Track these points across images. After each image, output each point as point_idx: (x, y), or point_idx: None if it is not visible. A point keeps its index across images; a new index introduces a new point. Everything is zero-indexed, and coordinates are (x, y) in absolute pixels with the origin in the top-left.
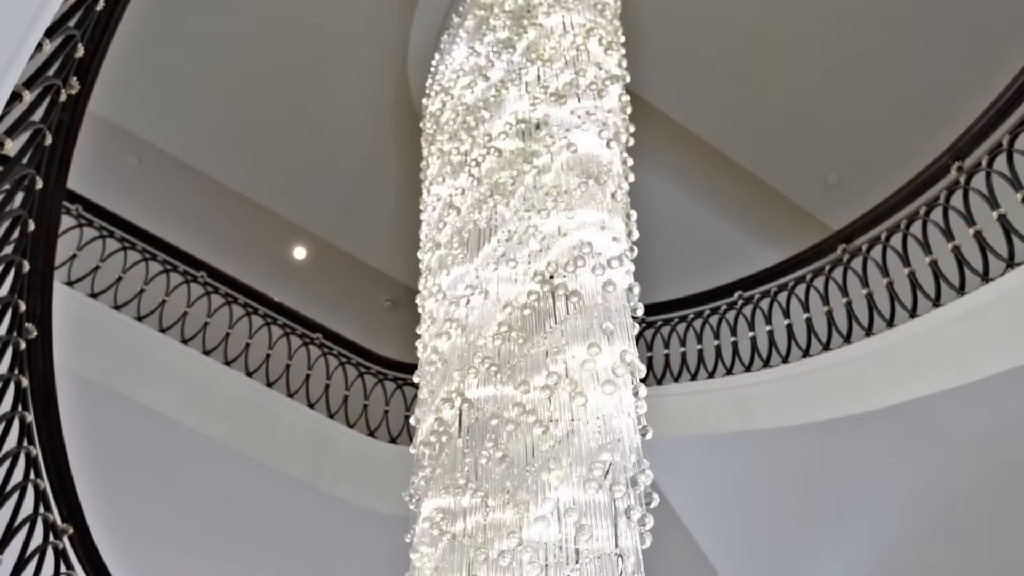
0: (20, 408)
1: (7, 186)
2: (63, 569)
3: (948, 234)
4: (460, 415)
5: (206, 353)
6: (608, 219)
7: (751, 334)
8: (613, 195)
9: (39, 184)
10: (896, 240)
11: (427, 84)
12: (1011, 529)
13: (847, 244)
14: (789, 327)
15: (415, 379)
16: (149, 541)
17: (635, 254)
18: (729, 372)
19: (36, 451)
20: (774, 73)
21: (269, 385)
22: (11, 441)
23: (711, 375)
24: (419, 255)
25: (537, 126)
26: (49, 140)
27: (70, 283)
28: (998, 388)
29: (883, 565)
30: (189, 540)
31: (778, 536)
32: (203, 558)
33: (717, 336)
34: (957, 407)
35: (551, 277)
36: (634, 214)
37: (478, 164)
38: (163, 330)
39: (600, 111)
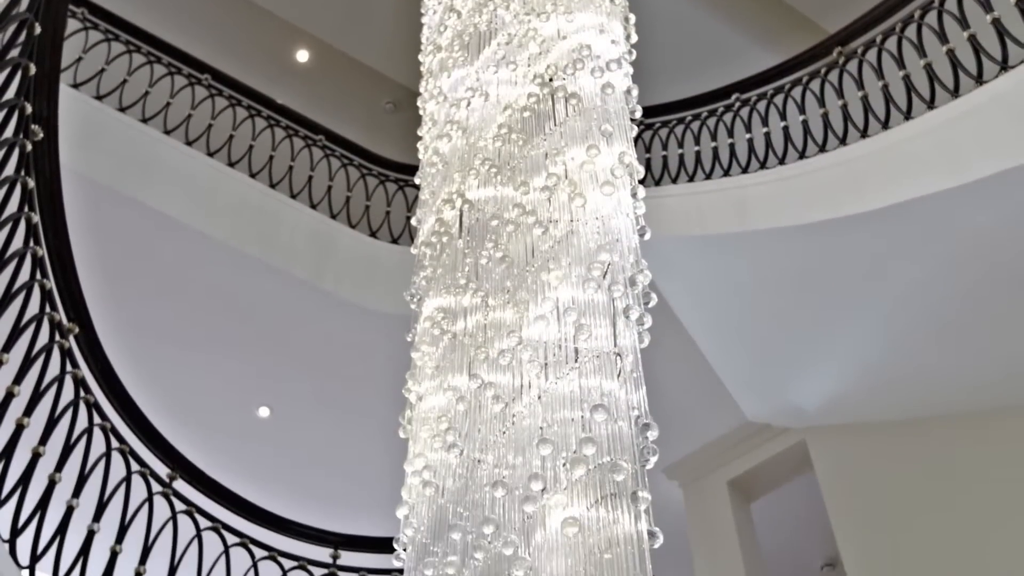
0: (27, 209)
1: None
2: (68, 367)
3: (943, 37)
4: (461, 216)
5: (210, 155)
6: (607, 22)
7: (748, 136)
8: None
9: None
10: (891, 43)
11: None
12: (1009, 328)
13: (843, 47)
14: (785, 129)
15: (416, 180)
16: (153, 340)
17: (633, 57)
18: (726, 174)
19: (42, 251)
20: None
21: (272, 186)
22: (18, 241)
23: (708, 176)
24: (420, 58)
25: None
26: None
27: (76, 85)
28: (994, 189)
29: (879, 364)
30: (192, 339)
31: (775, 336)
32: (206, 357)
33: (714, 138)
34: (953, 208)
35: (550, 80)
36: (632, 17)
37: None
38: (168, 132)
39: None
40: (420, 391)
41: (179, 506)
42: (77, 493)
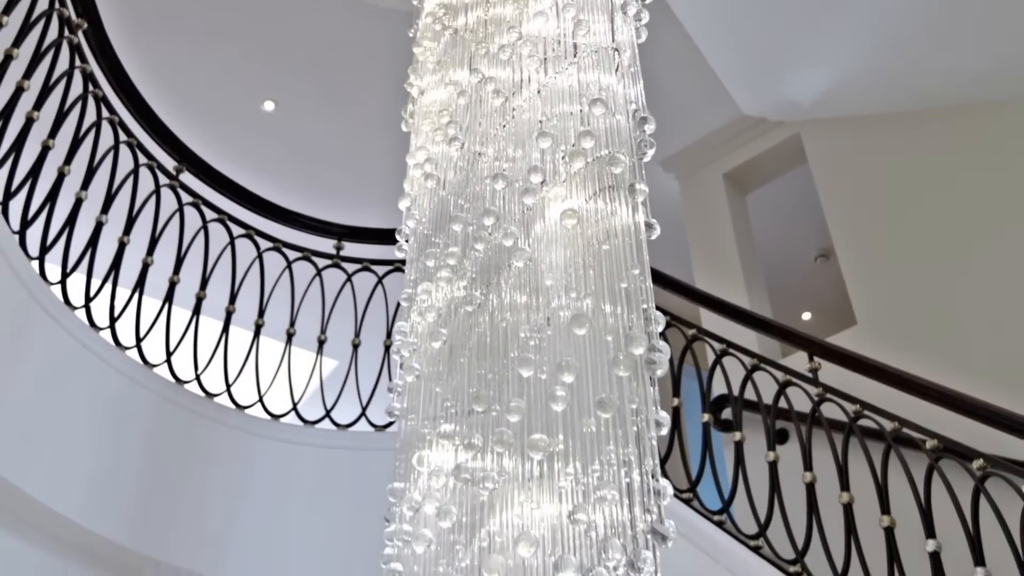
0: None
1: None
2: (77, 63)
3: None
4: None
5: None
6: None
7: None
8: None
9: None
10: None
11: None
12: (1003, 22)
13: None
14: None
15: None
16: (158, 36)
17: None
18: None
19: None
20: None
21: None
22: None
23: None
24: None
25: None
26: None
27: None
28: None
29: (873, 58)
30: (197, 35)
31: (770, 30)
32: (211, 52)
33: None
34: None
35: None
36: None
37: None
38: None
39: None
40: (422, 85)
41: (185, 198)
42: (86, 186)
